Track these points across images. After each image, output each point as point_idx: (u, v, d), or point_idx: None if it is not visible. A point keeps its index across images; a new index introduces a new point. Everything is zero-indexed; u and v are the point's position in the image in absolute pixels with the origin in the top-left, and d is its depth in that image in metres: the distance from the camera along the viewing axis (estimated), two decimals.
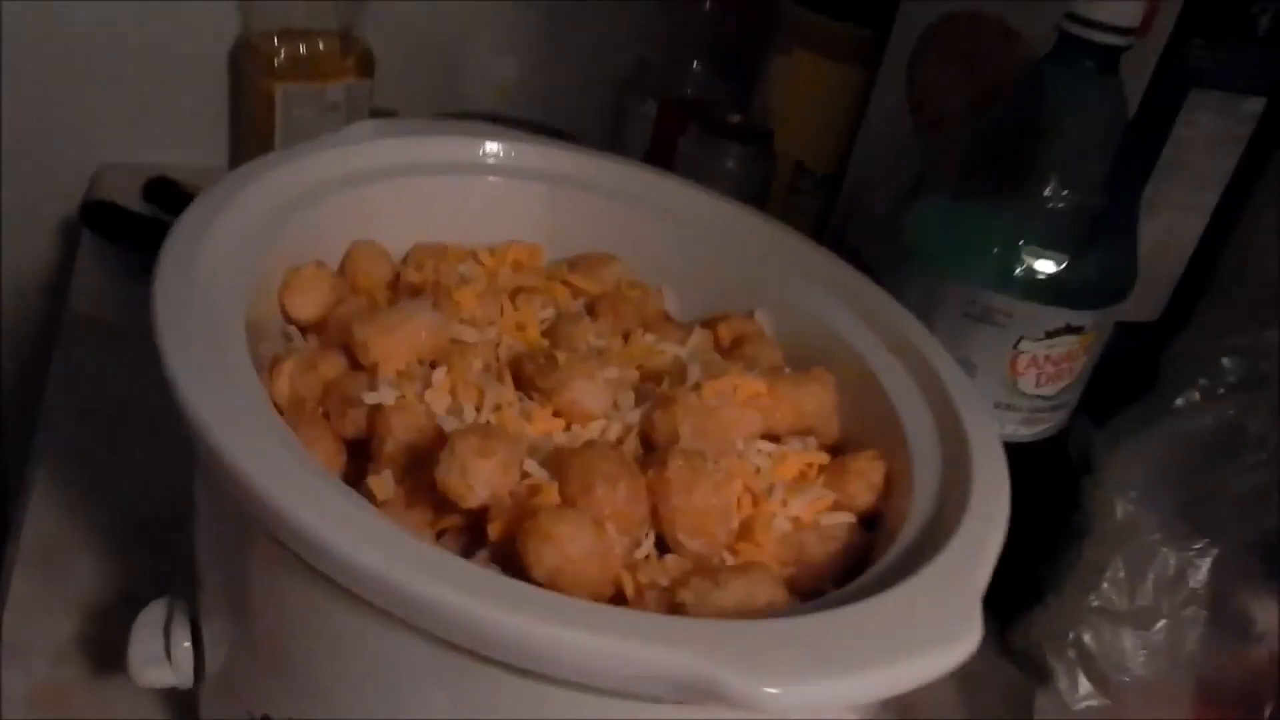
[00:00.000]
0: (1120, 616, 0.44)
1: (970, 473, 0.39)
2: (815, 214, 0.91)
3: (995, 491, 0.38)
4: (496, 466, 0.35)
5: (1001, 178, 0.54)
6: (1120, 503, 0.48)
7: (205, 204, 0.45)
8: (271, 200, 0.47)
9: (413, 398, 0.41)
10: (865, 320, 0.49)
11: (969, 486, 0.39)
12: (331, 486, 0.32)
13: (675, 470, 0.36)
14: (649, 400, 0.43)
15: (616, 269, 0.54)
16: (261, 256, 0.45)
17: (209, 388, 0.34)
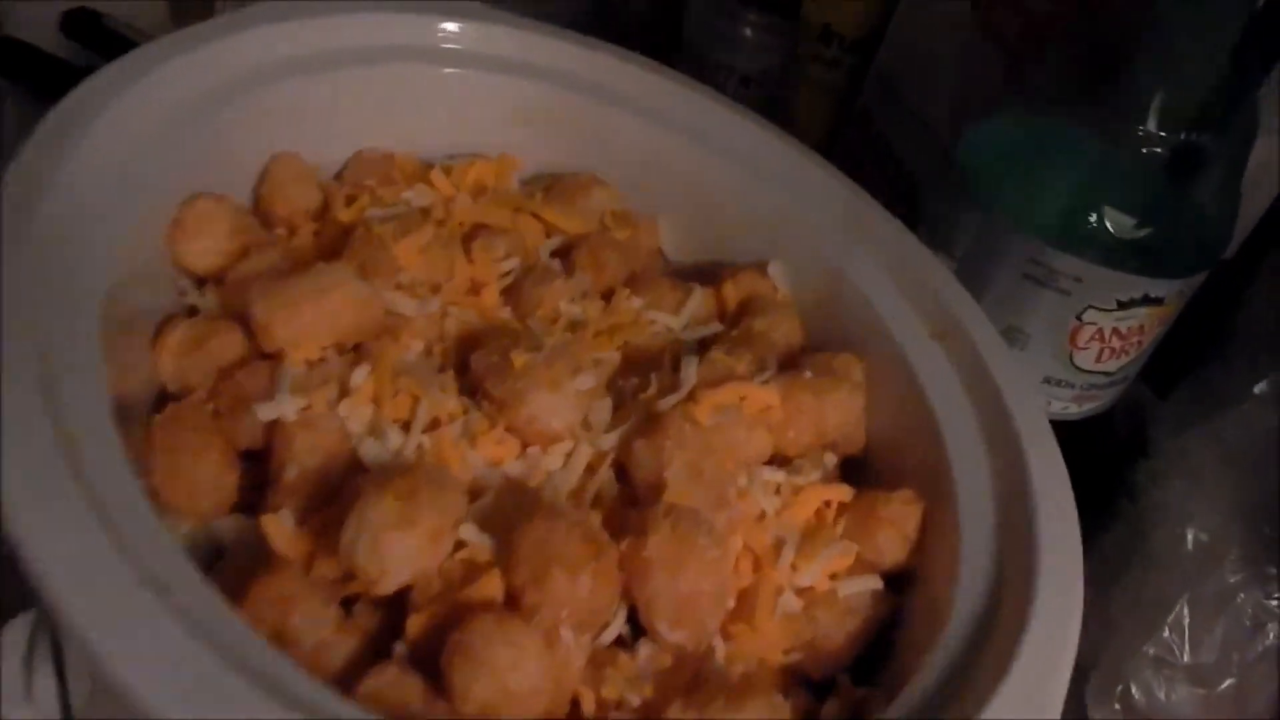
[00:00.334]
0: (1181, 671, 0.37)
1: (1034, 530, 0.31)
2: (841, 88, 0.79)
3: (1066, 563, 0.30)
4: (420, 541, 0.27)
5: (1088, 105, 0.43)
6: (1192, 529, 0.40)
7: (68, 112, 0.34)
8: (162, 103, 0.37)
9: (322, 408, 0.31)
10: (902, 287, 0.40)
11: (1033, 549, 0.30)
12: (146, 602, 0.23)
13: (658, 547, 0.28)
14: (629, 410, 0.34)
15: (600, 197, 0.44)
16: (146, 184, 0.35)
17: (20, 432, 0.25)
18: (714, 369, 0.34)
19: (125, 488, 0.26)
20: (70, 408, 0.27)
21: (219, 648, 0.23)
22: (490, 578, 0.27)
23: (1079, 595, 0.29)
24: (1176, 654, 0.38)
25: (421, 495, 0.27)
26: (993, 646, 0.28)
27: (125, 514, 0.25)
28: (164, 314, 0.37)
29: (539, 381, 0.31)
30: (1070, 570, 0.30)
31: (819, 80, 0.77)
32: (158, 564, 0.25)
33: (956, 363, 0.37)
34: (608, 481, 0.32)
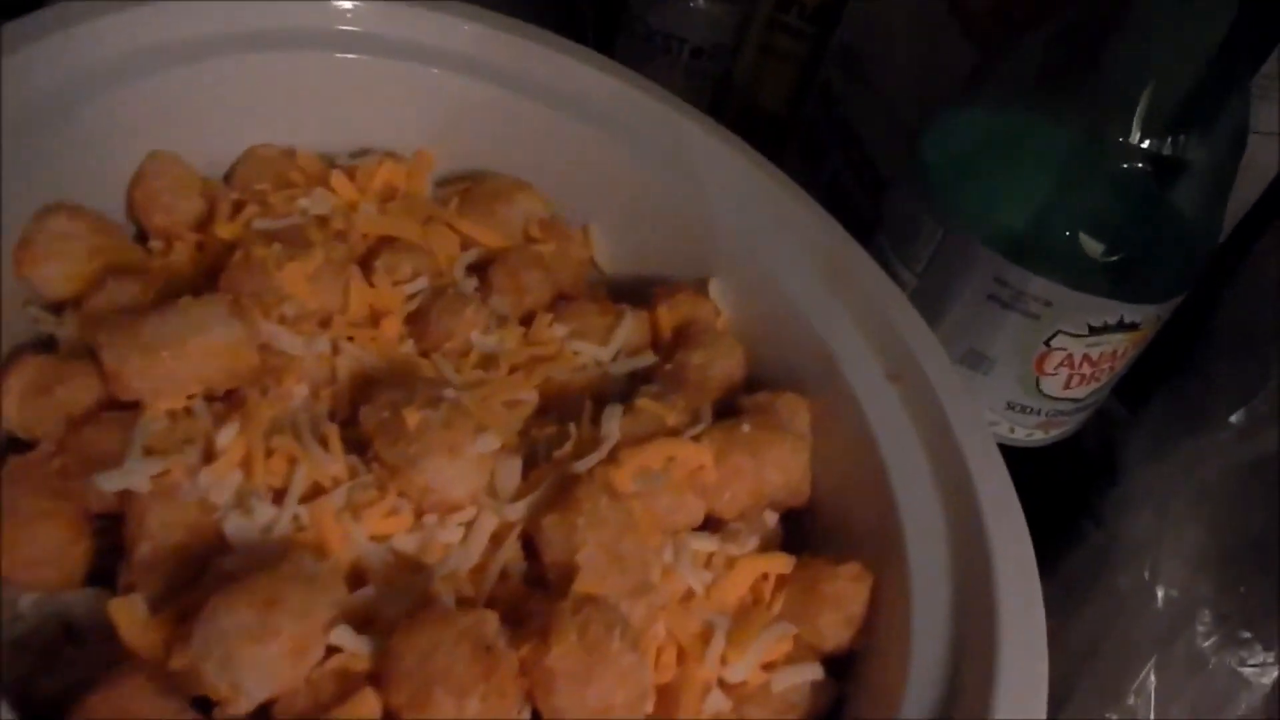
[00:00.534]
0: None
1: (994, 609, 0.27)
2: (800, 59, 0.74)
3: (1030, 647, 0.27)
4: (282, 653, 0.23)
5: (1064, 100, 0.39)
6: (1162, 587, 0.37)
7: None
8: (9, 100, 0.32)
9: (181, 476, 0.27)
10: (855, 316, 0.36)
11: (993, 630, 0.27)
12: None
13: (563, 657, 0.24)
14: (543, 472, 0.29)
15: (525, 204, 0.39)
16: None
17: None
18: (640, 421, 0.30)
19: None
20: None
21: None
22: (364, 698, 0.23)
23: (1043, 682, 0.26)
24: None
25: (286, 599, 0.23)
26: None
27: None
28: (14, 344, 0.32)
29: (435, 445, 0.27)
30: (1035, 656, 0.26)
31: (779, 49, 0.72)
32: None
33: (912, 410, 0.33)
34: (514, 557, 0.28)
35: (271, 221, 0.35)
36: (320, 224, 0.36)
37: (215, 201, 0.36)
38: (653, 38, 0.65)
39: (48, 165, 0.33)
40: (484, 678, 0.23)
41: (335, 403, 0.31)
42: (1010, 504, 0.30)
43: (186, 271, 0.34)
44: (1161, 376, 0.47)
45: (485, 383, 0.32)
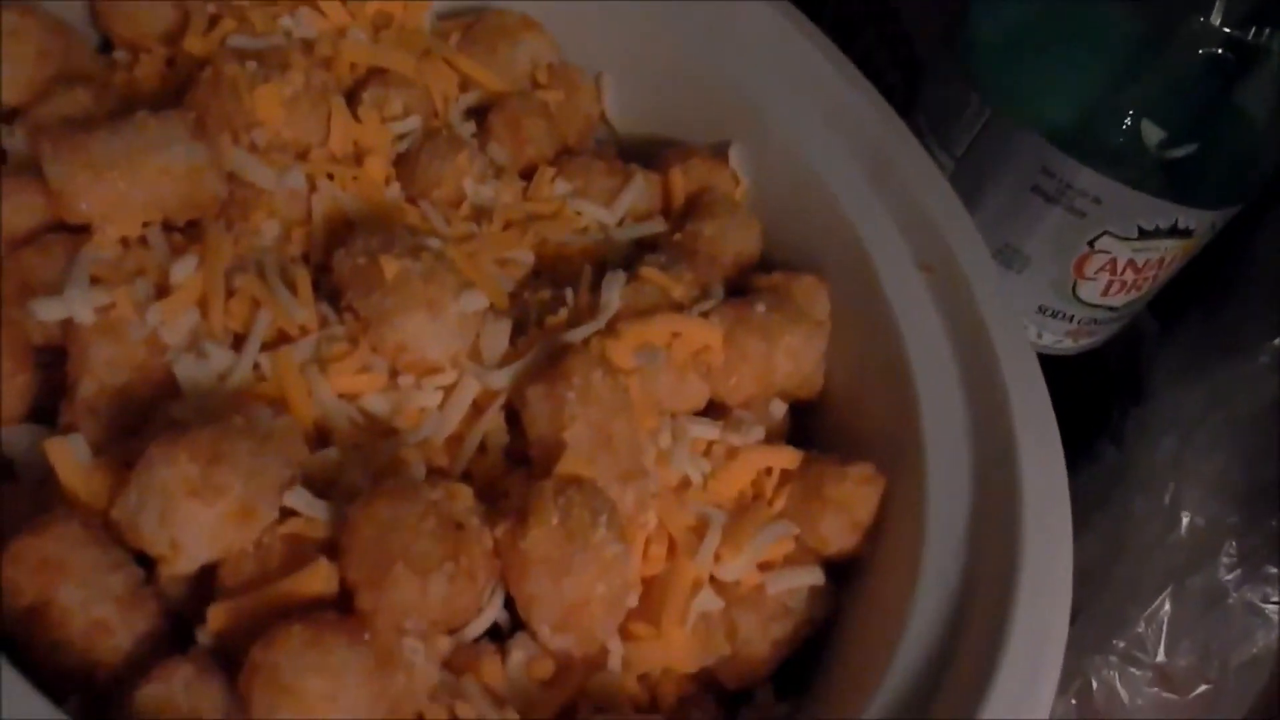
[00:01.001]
0: (1150, 671, 0.33)
1: (1017, 526, 0.25)
2: None
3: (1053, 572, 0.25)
4: (224, 515, 0.20)
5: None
6: (1187, 513, 0.34)
7: None
8: None
9: (129, 311, 0.24)
10: (886, 196, 0.33)
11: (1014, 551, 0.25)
12: None
13: (541, 542, 0.21)
14: (533, 338, 0.27)
15: (532, 44, 0.36)
16: None
17: None
18: (643, 292, 0.27)
19: None
20: None
21: None
22: (317, 570, 0.21)
23: (1065, 620, 0.24)
24: (1149, 651, 0.33)
25: (231, 454, 0.20)
26: (958, 670, 0.23)
27: None
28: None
29: (413, 300, 0.24)
30: (1057, 589, 0.24)
31: None
32: None
33: (942, 303, 0.30)
34: (495, 428, 0.25)
35: (249, 39, 0.31)
36: (304, 48, 0.32)
37: (188, 12, 0.32)
38: None
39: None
40: (451, 556, 0.20)
41: (308, 245, 0.28)
42: (1045, 416, 0.27)
43: (152, 88, 0.31)
44: (1196, 291, 0.44)
45: (476, 237, 0.29)
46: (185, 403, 0.24)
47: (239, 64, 0.28)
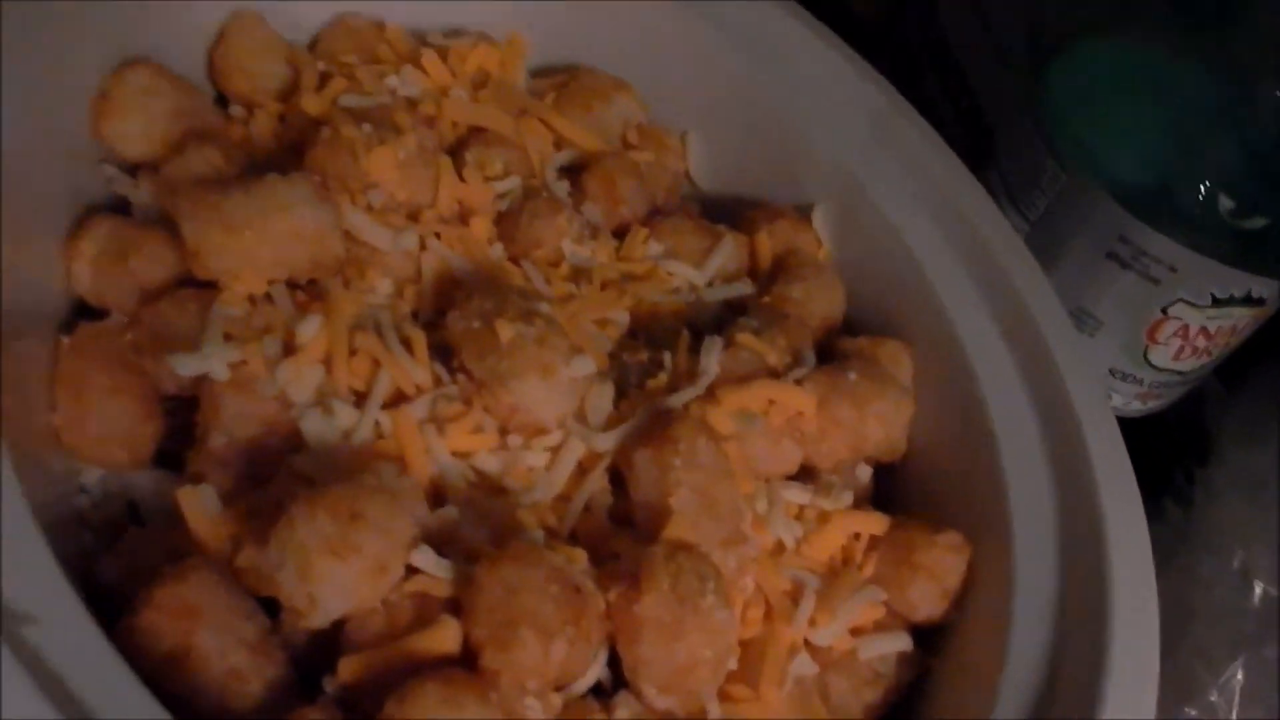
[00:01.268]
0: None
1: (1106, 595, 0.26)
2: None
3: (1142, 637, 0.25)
4: (361, 572, 0.21)
5: (1212, 40, 0.36)
6: (1260, 583, 0.35)
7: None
8: None
9: (260, 368, 0.25)
10: (968, 260, 0.33)
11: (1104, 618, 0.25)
12: None
13: (655, 607, 0.22)
14: (634, 402, 0.28)
15: (623, 105, 0.37)
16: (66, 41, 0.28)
17: None
18: (739, 358, 0.28)
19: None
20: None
21: None
22: (444, 628, 0.22)
23: (1154, 686, 0.25)
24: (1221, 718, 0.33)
25: (367, 514, 0.21)
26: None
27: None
28: (85, 203, 0.30)
29: (528, 364, 0.25)
30: (1146, 659, 0.25)
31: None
32: (24, 582, 0.19)
33: (1025, 369, 0.31)
34: (600, 489, 0.26)
35: (359, 99, 0.33)
36: (409, 106, 0.33)
37: (300, 70, 0.34)
38: None
39: (127, 18, 0.30)
40: (572, 621, 0.21)
41: (418, 302, 0.29)
42: (1128, 486, 0.28)
43: (267, 143, 0.32)
44: (1260, 355, 0.45)
45: (576, 298, 0.30)
46: (310, 456, 0.25)
47: (356, 126, 0.30)
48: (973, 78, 0.55)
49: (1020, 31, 0.51)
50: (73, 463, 0.27)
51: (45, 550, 0.20)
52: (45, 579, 0.20)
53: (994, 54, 0.53)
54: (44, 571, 0.20)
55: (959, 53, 0.56)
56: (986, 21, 0.53)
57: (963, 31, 0.55)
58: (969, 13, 0.55)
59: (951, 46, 0.56)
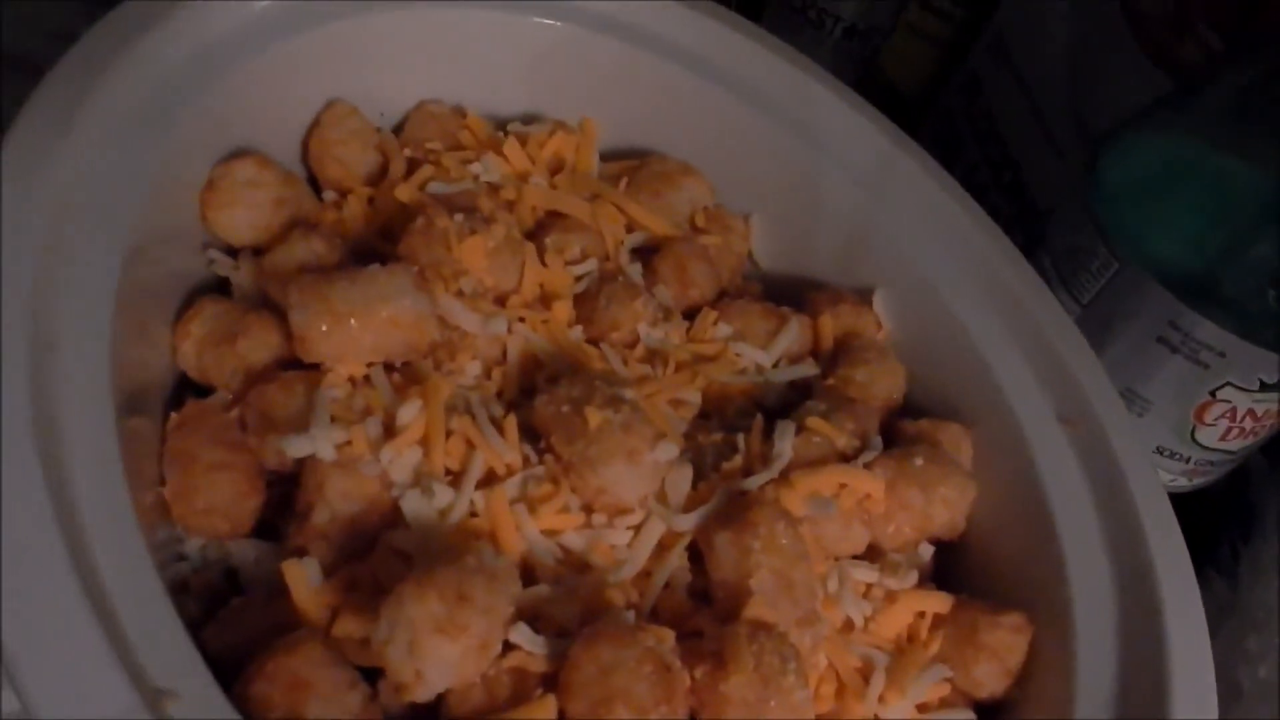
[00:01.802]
0: None
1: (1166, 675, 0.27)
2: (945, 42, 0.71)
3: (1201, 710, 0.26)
4: (466, 650, 0.23)
5: (1263, 148, 0.37)
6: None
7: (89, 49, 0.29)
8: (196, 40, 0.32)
9: (363, 448, 0.27)
10: (1024, 347, 0.35)
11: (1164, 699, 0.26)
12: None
13: (740, 686, 0.24)
14: (712, 486, 0.29)
15: (691, 191, 0.39)
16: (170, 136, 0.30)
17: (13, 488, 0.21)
18: (811, 443, 0.30)
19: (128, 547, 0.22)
20: (68, 423, 0.23)
21: None
22: (543, 704, 0.23)
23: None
24: None
25: (473, 595, 0.23)
26: None
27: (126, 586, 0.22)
28: (191, 286, 0.32)
29: (616, 449, 0.27)
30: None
31: (921, 28, 0.69)
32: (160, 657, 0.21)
33: (1081, 453, 0.32)
34: (680, 567, 0.28)
35: (445, 185, 0.35)
36: (491, 192, 0.35)
37: (389, 156, 0.36)
38: (806, 10, 0.63)
39: (228, 108, 0.33)
40: (665, 699, 0.23)
41: (504, 383, 0.31)
42: (1185, 569, 0.29)
43: (359, 226, 0.34)
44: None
45: (651, 379, 0.32)
46: (408, 534, 0.27)
47: (448, 216, 0.32)
48: (1014, 149, 0.57)
49: (1067, 113, 0.53)
50: (177, 531, 0.29)
51: (180, 627, 0.22)
52: (183, 655, 0.21)
53: (1041, 133, 0.55)
54: (181, 648, 0.21)
55: (1003, 127, 0.58)
56: (1033, 102, 0.55)
57: (1008, 109, 0.57)
58: (1015, 91, 0.56)
59: (995, 120, 0.58)
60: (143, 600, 0.21)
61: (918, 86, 0.69)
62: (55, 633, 0.20)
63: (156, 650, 0.21)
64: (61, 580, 0.20)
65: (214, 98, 0.32)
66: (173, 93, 0.30)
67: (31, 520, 0.21)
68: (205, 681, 0.21)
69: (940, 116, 0.64)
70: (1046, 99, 0.55)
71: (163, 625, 0.21)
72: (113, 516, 0.22)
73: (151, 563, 0.22)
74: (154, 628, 0.21)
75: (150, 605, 0.22)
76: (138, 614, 0.21)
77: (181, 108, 0.31)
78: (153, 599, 0.22)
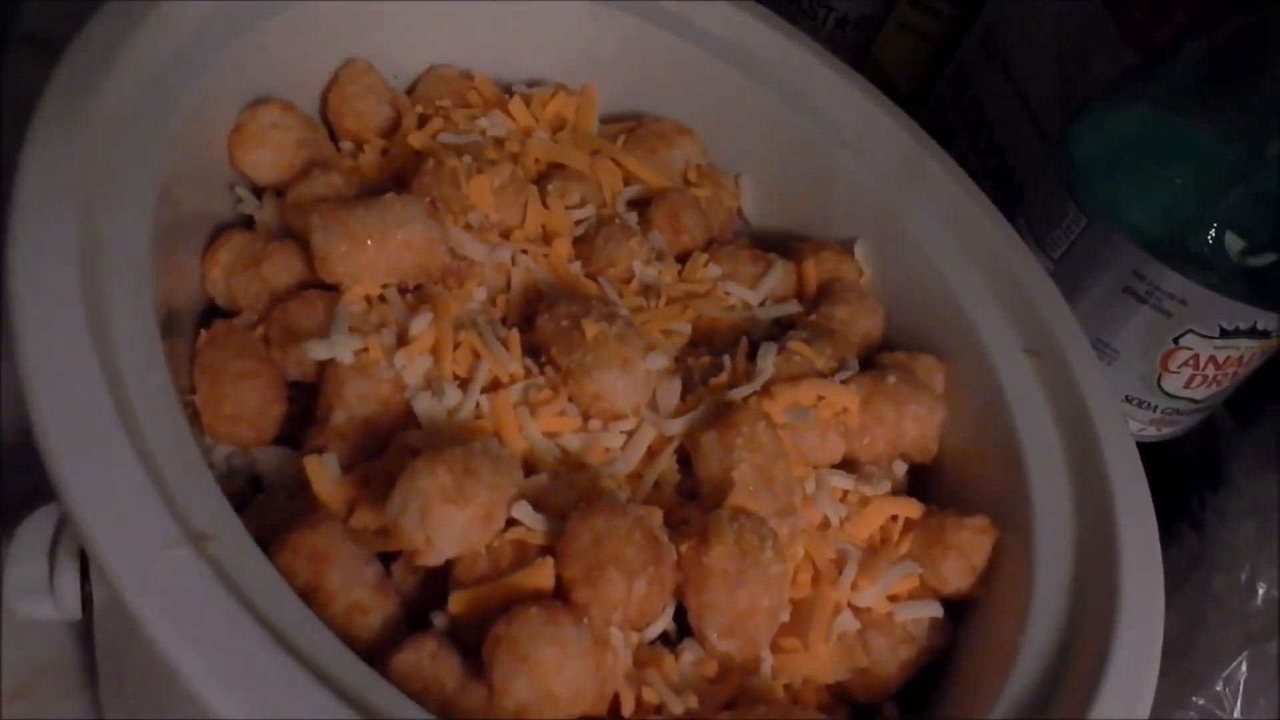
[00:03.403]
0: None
1: (1117, 578, 0.29)
2: (937, 39, 0.74)
3: (1148, 619, 0.28)
4: (473, 518, 0.25)
5: (1226, 106, 0.40)
6: (1263, 584, 0.38)
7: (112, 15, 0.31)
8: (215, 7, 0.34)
9: (379, 354, 0.30)
10: (997, 291, 0.37)
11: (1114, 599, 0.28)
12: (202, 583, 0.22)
13: (720, 559, 0.26)
14: (699, 397, 0.31)
15: (685, 148, 0.41)
16: (203, 80, 0.32)
17: (64, 361, 0.23)
18: (791, 362, 0.32)
19: (170, 420, 0.25)
20: (118, 324, 0.25)
21: (257, 614, 0.22)
22: (542, 566, 0.25)
23: (1157, 652, 0.28)
24: (1227, 709, 0.36)
25: (478, 470, 0.25)
26: (1061, 700, 0.27)
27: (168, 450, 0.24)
28: (217, 222, 0.35)
29: (610, 357, 0.29)
30: (1151, 628, 0.28)
31: (917, 27, 0.72)
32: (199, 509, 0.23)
33: (1047, 384, 0.34)
34: (669, 468, 0.30)
35: (454, 136, 0.37)
36: (497, 145, 0.38)
37: (401, 112, 0.38)
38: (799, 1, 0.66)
39: (254, 60, 0.35)
40: (652, 563, 0.25)
41: (508, 310, 0.33)
42: (1137, 476, 0.31)
43: (373, 173, 0.37)
44: (1272, 393, 0.48)
45: (644, 310, 0.34)
46: (419, 432, 0.29)
47: (457, 158, 0.34)
48: (1000, 135, 0.60)
49: (1053, 102, 0.55)
50: (205, 441, 0.31)
51: (216, 488, 0.24)
52: (219, 510, 0.23)
53: (1026, 118, 0.57)
54: (218, 504, 0.24)
55: (991, 115, 0.60)
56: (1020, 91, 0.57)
57: (996, 99, 0.59)
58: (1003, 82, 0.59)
59: (984, 109, 0.61)
60: (184, 462, 0.24)
61: (911, 80, 0.72)
62: (111, 480, 0.22)
63: (196, 503, 0.23)
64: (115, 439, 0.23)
65: (240, 52, 0.34)
66: (202, 47, 0.33)
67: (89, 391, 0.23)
68: (239, 532, 0.23)
69: (934, 108, 0.67)
70: (1034, 88, 0.58)
71: (201, 485, 0.24)
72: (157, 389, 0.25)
73: (190, 432, 0.25)
74: (194, 486, 0.24)
75: (190, 467, 0.24)
76: (181, 474, 0.23)
77: (209, 62, 0.33)
78: (192, 462, 0.24)
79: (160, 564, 0.21)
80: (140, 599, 0.20)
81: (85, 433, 0.22)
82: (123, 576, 0.21)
